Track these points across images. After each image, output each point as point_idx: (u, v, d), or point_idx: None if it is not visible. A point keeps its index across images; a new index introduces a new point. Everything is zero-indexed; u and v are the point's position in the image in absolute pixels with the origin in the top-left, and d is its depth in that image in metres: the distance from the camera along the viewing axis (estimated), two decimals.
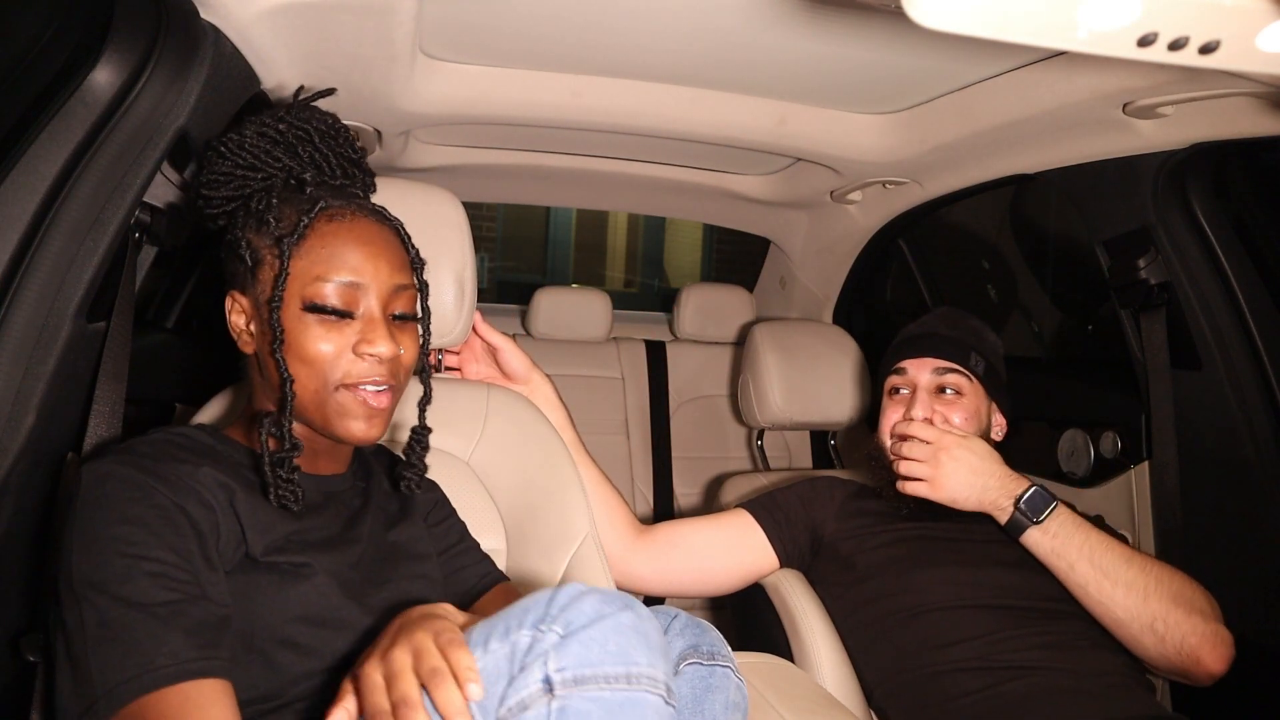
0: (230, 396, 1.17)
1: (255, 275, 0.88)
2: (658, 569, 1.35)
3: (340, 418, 0.87)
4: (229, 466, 0.86)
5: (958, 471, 1.24)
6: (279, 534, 0.84)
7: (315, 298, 0.85)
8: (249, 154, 0.91)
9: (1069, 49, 0.58)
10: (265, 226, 0.88)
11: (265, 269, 0.87)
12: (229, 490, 0.82)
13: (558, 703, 0.64)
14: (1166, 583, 1.16)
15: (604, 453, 1.82)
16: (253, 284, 0.88)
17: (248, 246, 0.89)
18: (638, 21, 1.19)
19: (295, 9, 0.98)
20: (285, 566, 0.83)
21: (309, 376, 0.86)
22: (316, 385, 0.86)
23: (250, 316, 0.90)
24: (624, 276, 7.42)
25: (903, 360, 1.40)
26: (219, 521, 0.80)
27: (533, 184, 2.15)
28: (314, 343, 0.85)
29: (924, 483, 1.26)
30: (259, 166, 0.92)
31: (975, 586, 1.24)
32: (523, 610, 0.69)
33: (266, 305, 0.86)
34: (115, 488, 0.76)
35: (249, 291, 0.89)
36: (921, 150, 1.55)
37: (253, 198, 0.91)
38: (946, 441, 1.26)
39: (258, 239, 0.89)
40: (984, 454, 1.26)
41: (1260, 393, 1.31)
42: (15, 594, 0.93)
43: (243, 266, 0.89)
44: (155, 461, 0.79)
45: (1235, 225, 1.39)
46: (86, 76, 0.87)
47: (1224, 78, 1.04)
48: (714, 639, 0.88)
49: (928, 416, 1.33)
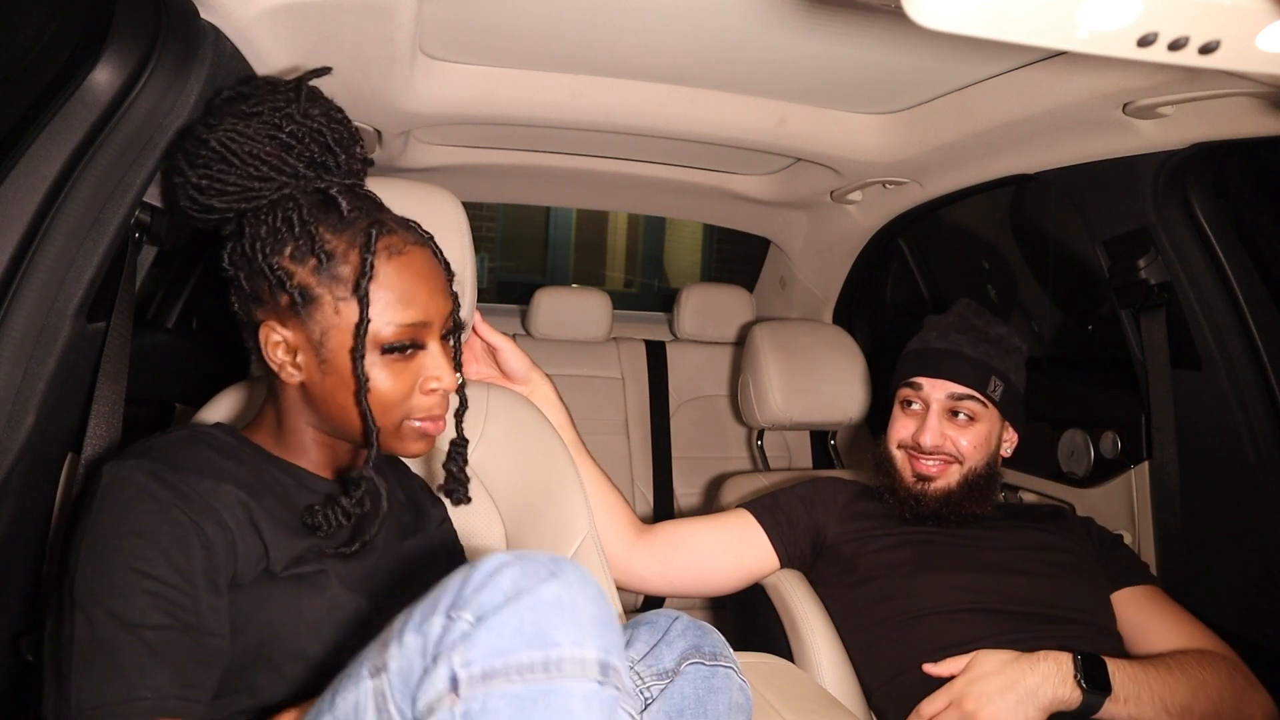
0: (243, 396, 1.16)
1: (308, 314, 0.83)
2: (658, 569, 1.35)
3: (399, 442, 0.88)
4: (253, 474, 0.84)
5: (992, 703, 1.10)
6: (299, 547, 0.83)
7: (391, 340, 0.83)
8: (262, 164, 0.84)
9: (1069, 49, 0.58)
10: (312, 260, 0.82)
11: (324, 311, 0.83)
12: (249, 509, 0.80)
13: (462, 705, 0.56)
14: (1215, 686, 1.13)
15: (604, 453, 1.82)
16: (305, 321, 0.83)
17: (288, 279, 0.82)
18: (638, 21, 1.19)
19: (295, 9, 0.98)
20: (302, 578, 0.82)
21: (382, 413, 0.85)
22: (385, 423, 0.85)
23: (298, 350, 0.84)
24: (624, 276, 7.42)
25: (919, 376, 1.37)
26: (236, 542, 0.78)
27: (533, 184, 2.15)
28: (387, 383, 0.84)
29: None
30: (272, 178, 0.84)
31: (978, 591, 1.24)
32: (438, 593, 0.62)
33: (339, 350, 0.83)
34: (132, 495, 0.75)
35: (298, 327, 0.84)
36: (921, 150, 1.55)
37: (271, 214, 0.83)
38: (957, 690, 1.13)
39: (302, 272, 0.82)
40: (998, 667, 1.12)
41: (1260, 393, 1.31)
42: (15, 594, 0.93)
43: (283, 298, 0.83)
44: (178, 472, 0.77)
45: (1235, 225, 1.38)
46: (86, 76, 0.87)
47: (1224, 78, 1.04)
48: (716, 640, 0.88)
49: (937, 444, 1.33)
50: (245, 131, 0.84)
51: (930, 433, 1.33)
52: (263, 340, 0.85)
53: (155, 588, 0.72)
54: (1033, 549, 1.32)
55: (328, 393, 0.85)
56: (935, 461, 1.34)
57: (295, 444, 0.90)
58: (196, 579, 0.74)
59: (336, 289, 0.83)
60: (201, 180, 0.85)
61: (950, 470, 1.34)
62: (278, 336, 0.84)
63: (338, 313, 0.83)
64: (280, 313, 0.84)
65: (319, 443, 0.91)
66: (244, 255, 0.84)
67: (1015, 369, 1.39)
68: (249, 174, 0.84)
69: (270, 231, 0.83)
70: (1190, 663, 1.14)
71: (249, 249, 0.83)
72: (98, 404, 0.96)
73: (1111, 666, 1.10)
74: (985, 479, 1.35)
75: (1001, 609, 1.22)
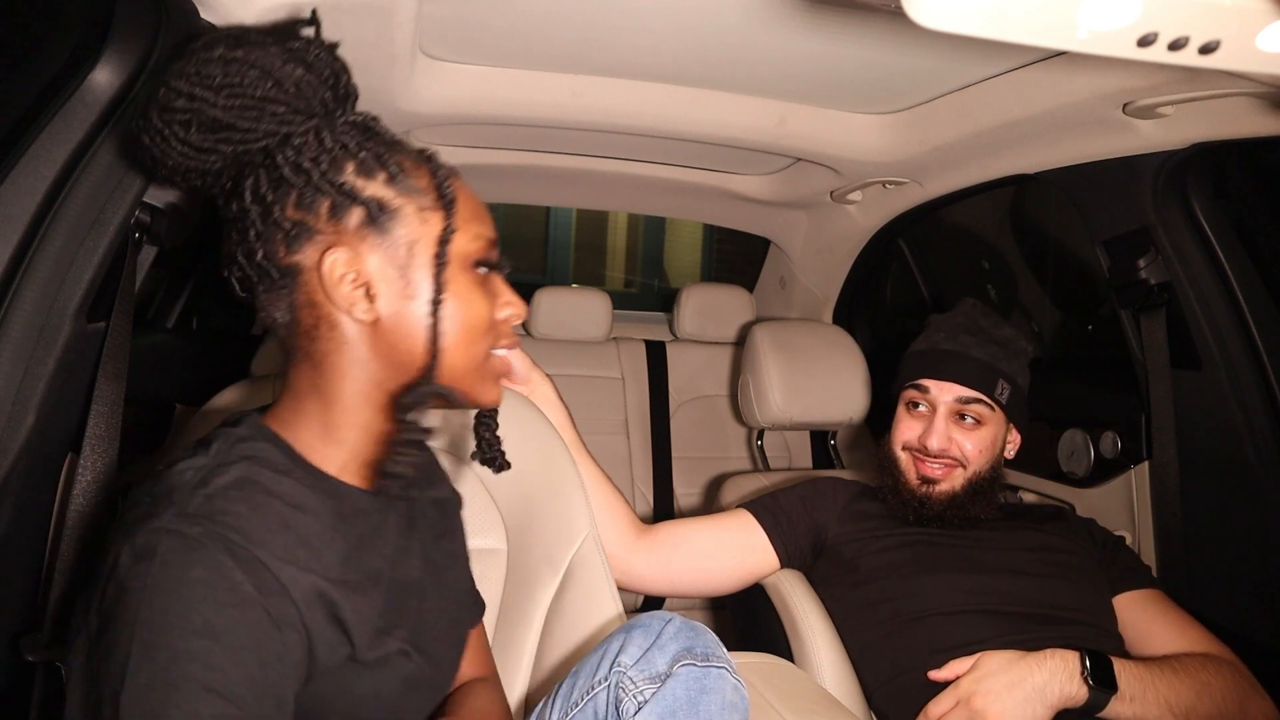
0: (244, 396, 1.16)
1: (389, 227, 0.73)
2: (659, 569, 1.35)
3: (481, 382, 0.80)
4: (326, 525, 0.73)
5: (999, 701, 1.09)
6: (375, 613, 0.75)
7: (478, 255, 0.76)
8: (292, 86, 0.73)
9: (1069, 49, 0.58)
10: (381, 173, 0.73)
11: (408, 222, 0.74)
12: (327, 600, 0.70)
13: None
14: (1219, 689, 1.13)
15: (604, 453, 1.82)
16: (384, 236, 0.73)
17: (358, 192, 0.72)
18: (638, 21, 1.19)
19: (295, 9, 0.98)
20: (382, 661, 0.76)
21: (470, 343, 0.76)
22: (473, 354, 0.77)
23: (370, 280, 0.73)
24: (624, 276, 7.42)
25: (926, 378, 1.36)
26: (314, 645, 0.69)
27: (533, 184, 2.15)
28: (479, 304, 0.77)
29: None
30: (305, 110, 0.74)
31: (979, 592, 1.24)
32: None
33: (427, 266, 0.74)
34: (201, 576, 0.62)
35: (375, 245, 0.73)
36: (921, 150, 1.55)
37: (318, 136, 0.73)
38: (963, 690, 1.12)
39: (372, 185, 0.73)
40: (1004, 664, 1.12)
41: (1260, 393, 1.31)
42: (15, 594, 0.93)
43: (355, 214, 0.72)
44: (254, 546, 0.65)
45: (1235, 225, 1.38)
46: (86, 76, 0.87)
47: (1224, 78, 1.04)
48: (709, 641, 0.88)
49: (944, 447, 1.32)
50: (269, 59, 0.72)
51: (937, 436, 1.33)
52: (327, 276, 0.72)
53: (221, 709, 0.60)
54: (1034, 550, 1.31)
55: (413, 324, 0.74)
56: (940, 465, 1.33)
57: (340, 438, 0.77)
58: (265, 693, 0.63)
59: (418, 198, 0.75)
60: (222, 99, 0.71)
61: (955, 474, 1.33)
62: (343, 267, 0.72)
63: (424, 223, 0.74)
64: (345, 236, 0.72)
65: (368, 432, 0.78)
66: (280, 182, 0.71)
67: (1021, 371, 1.38)
68: (277, 98, 0.72)
69: (322, 151, 0.72)
70: (1195, 665, 1.15)
71: (295, 171, 0.71)
72: (97, 404, 0.96)
73: (1117, 665, 1.10)
74: (989, 482, 1.34)
75: (1002, 610, 1.22)
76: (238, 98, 0.71)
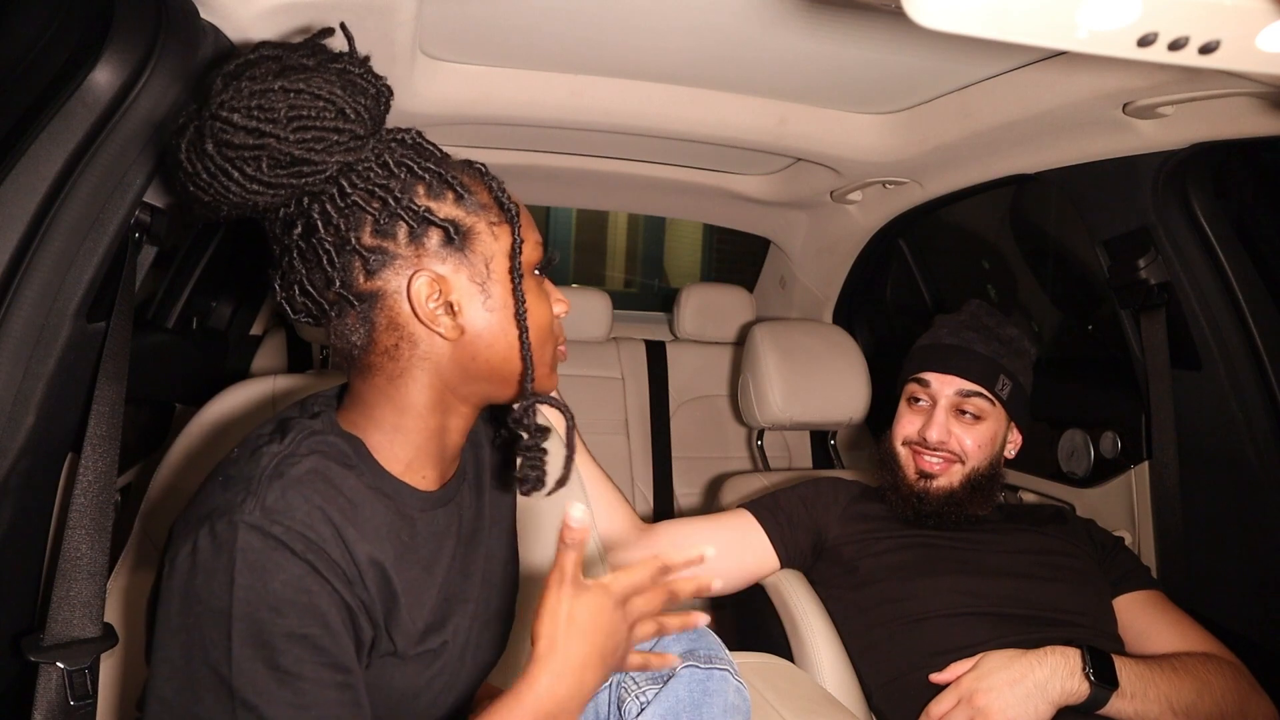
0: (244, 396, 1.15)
1: (469, 246, 0.76)
2: None
3: (549, 376, 0.84)
4: (386, 521, 0.76)
5: (1001, 697, 1.10)
6: (425, 610, 0.79)
7: (538, 261, 0.81)
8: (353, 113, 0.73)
9: (1069, 49, 0.58)
10: (449, 193, 0.76)
11: (483, 239, 0.77)
12: (387, 591, 0.74)
13: None
14: (1219, 688, 1.13)
15: (604, 453, 1.82)
16: (465, 255, 0.76)
17: (434, 216, 0.74)
18: (638, 21, 1.19)
19: (295, 9, 0.98)
20: (427, 654, 0.79)
21: (544, 343, 0.81)
22: (550, 350, 0.83)
23: (453, 298, 0.75)
24: (624, 276, 7.41)
25: (928, 372, 1.37)
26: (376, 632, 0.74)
27: (533, 184, 2.15)
28: (542, 306, 0.81)
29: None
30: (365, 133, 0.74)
31: (979, 595, 1.24)
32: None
33: (504, 279, 0.77)
34: (282, 578, 0.66)
35: (457, 265, 0.75)
36: (921, 150, 1.55)
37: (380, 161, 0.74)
38: (965, 688, 1.13)
39: (444, 206, 0.75)
40: (1006, 662, 1.13)
41: (1260, 393, 1.31)
42: (15, 594, 0.93)
43: (433, 236, 0.74)
44: (323, 542, 0.68)
45: (1235, 225, 1.39)
46: (86, 76, 0.87)
47: (1224, 78, 1.04)
48: (712, 643, 0.88)
49: (942, 439, 1.33)
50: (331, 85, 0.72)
51: (936, 428, 1.33)
52: (415, 298, 0.74)
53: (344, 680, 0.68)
54: (1034, 552, 1.31)
55: (495, 334, 0.77)
56: (938, 458, 1.34)
57: (408, 440, 0.79)
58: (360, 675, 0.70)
59: (486, 214, 0.78)
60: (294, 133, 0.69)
61: (953, 469, 1.34)
62: (429, 288, 0.74)
63: (496, 238, 0.78)
64: (426, 258, 0.75)
65: (435, 434, 0.80)
66: (353, 208, 0.72)
67: (1024, 370, 1.39)
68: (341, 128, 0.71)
69: (390, 176, 0.73)
70: (1196, 664, 1.15)
71: (368, 198, 0.72)
72: (97, 404, 0.96)
73: (1118, 662, 1.11)
74: (988, 479, 1.34)
75: (1002, 612, 1.22)
76: (308, 130, 0.70)
